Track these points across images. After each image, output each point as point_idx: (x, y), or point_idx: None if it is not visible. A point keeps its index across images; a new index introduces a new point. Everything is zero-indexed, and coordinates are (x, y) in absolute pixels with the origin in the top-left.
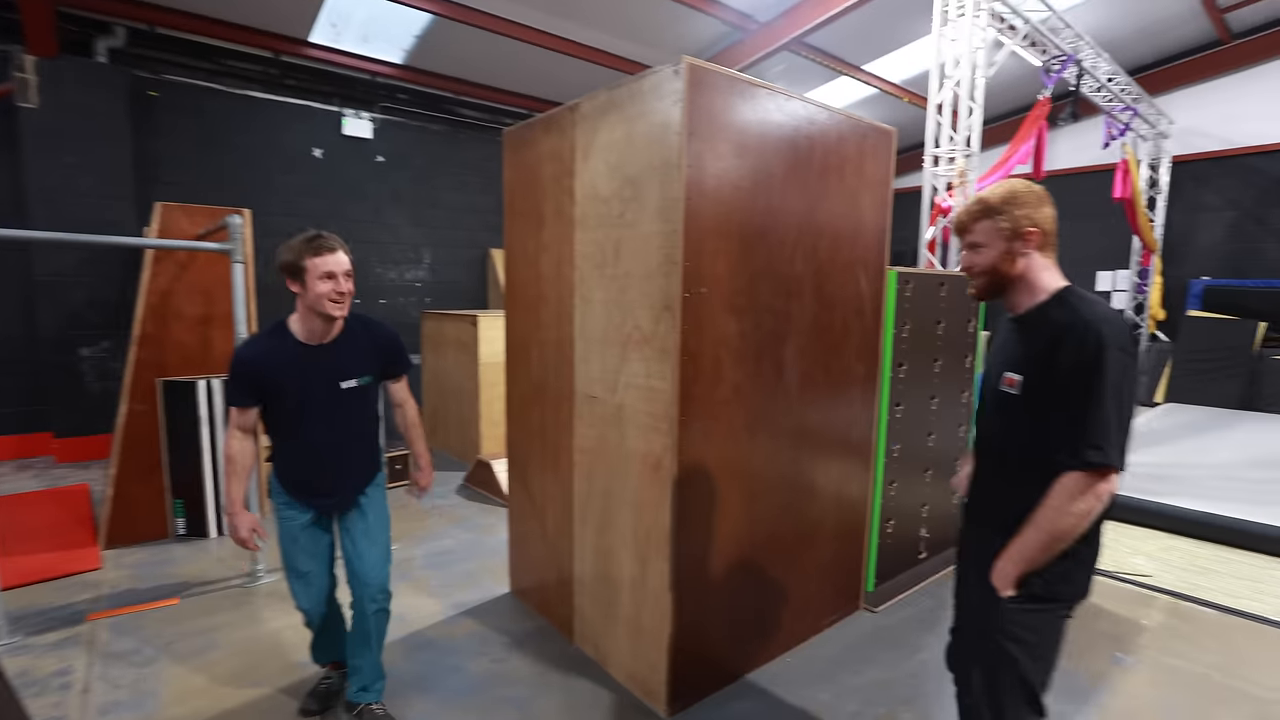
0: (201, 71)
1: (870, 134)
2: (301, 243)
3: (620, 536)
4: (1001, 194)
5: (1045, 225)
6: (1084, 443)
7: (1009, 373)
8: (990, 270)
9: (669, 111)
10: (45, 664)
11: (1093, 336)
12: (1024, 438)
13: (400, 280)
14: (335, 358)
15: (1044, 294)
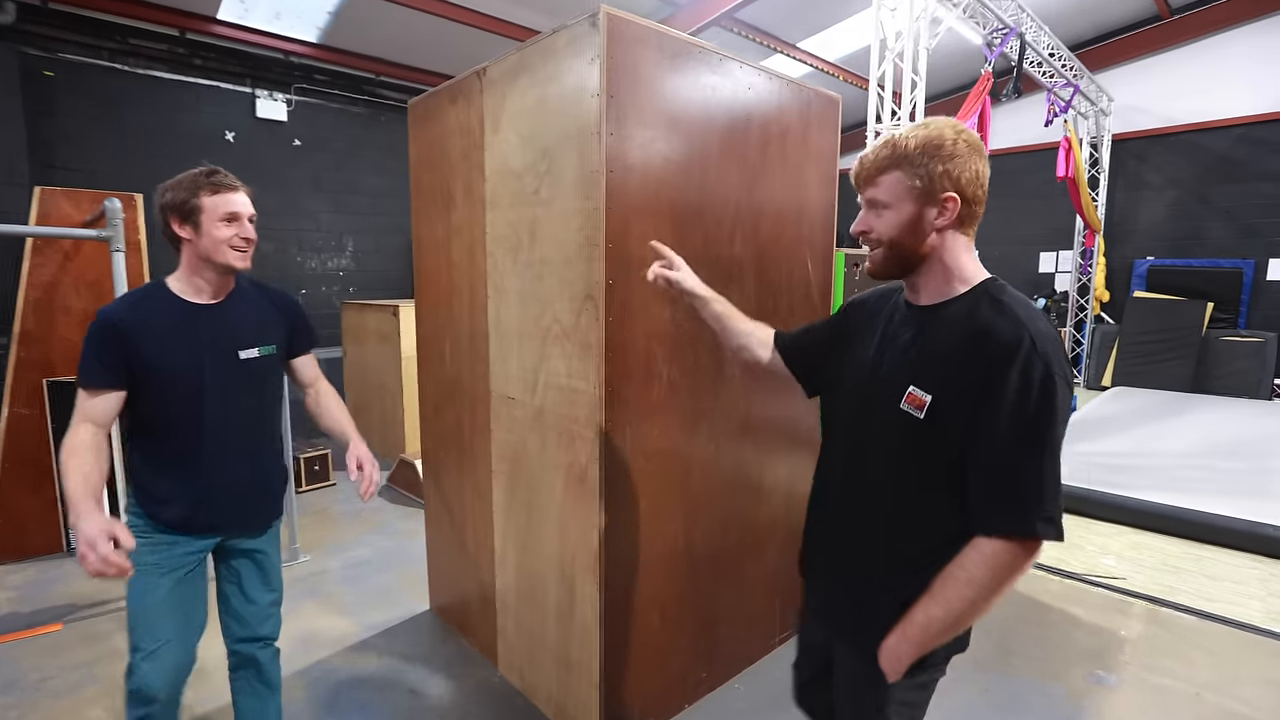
0: (103, 50)
1: (814, 101)
2: (194, 178)
3: (545, 557)
4: (921, 137)
5: (970, 190)
6: (1031, 510)
7: (914, 387)
8: (893, 243)
9: (585, 71)
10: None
11: (1040, 362)
12: (918, 474)
13: (322, 269)
14: (230, 319)
15: (963, 284)
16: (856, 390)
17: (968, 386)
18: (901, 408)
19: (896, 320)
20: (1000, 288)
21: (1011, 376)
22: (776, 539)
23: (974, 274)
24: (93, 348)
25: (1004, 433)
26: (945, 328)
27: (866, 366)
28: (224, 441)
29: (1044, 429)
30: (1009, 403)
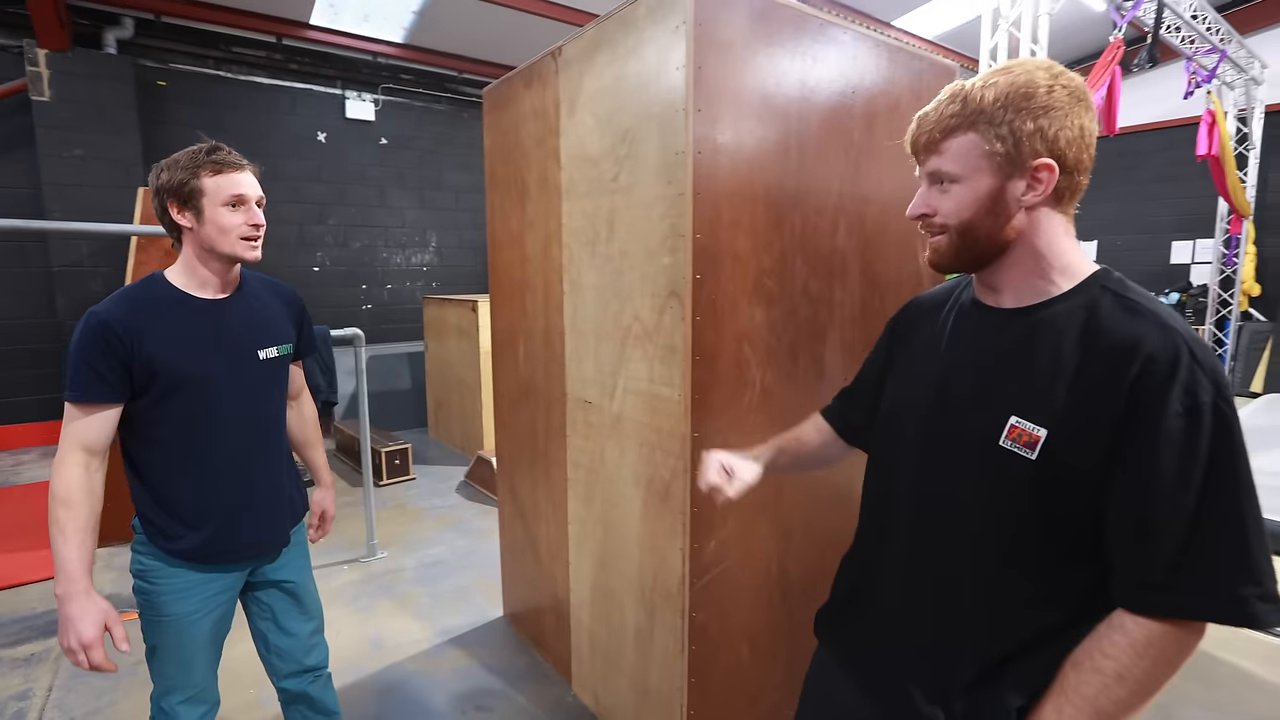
0: (208, 60)
1: (927, 71)
2: (193, 155)
3: (623, 576)
4: (1004, 86)
5: (1073, 154)
6: (1242, 585)
7: (1017, 419)
8: (966, 228)
9: (670, 41)
10: (9, 684)
11: (1208, 383)
12: (1033, 530)
13: (407, 265)
14: (244, 315)
15: (1066, 278)
16: (919, 421)
17: (1100, 420)
18: (1002, 445)
19: (967, 327)
20: (1121, 282)
21: (1171, 403)
22: None
23: (1079, 265)
24: (85, 354)
25: (1169, 481)
26: (1053, 337)
27: (930, 387)
28: (246, 453)
29: (1231, 471)
30: (1170, 439)
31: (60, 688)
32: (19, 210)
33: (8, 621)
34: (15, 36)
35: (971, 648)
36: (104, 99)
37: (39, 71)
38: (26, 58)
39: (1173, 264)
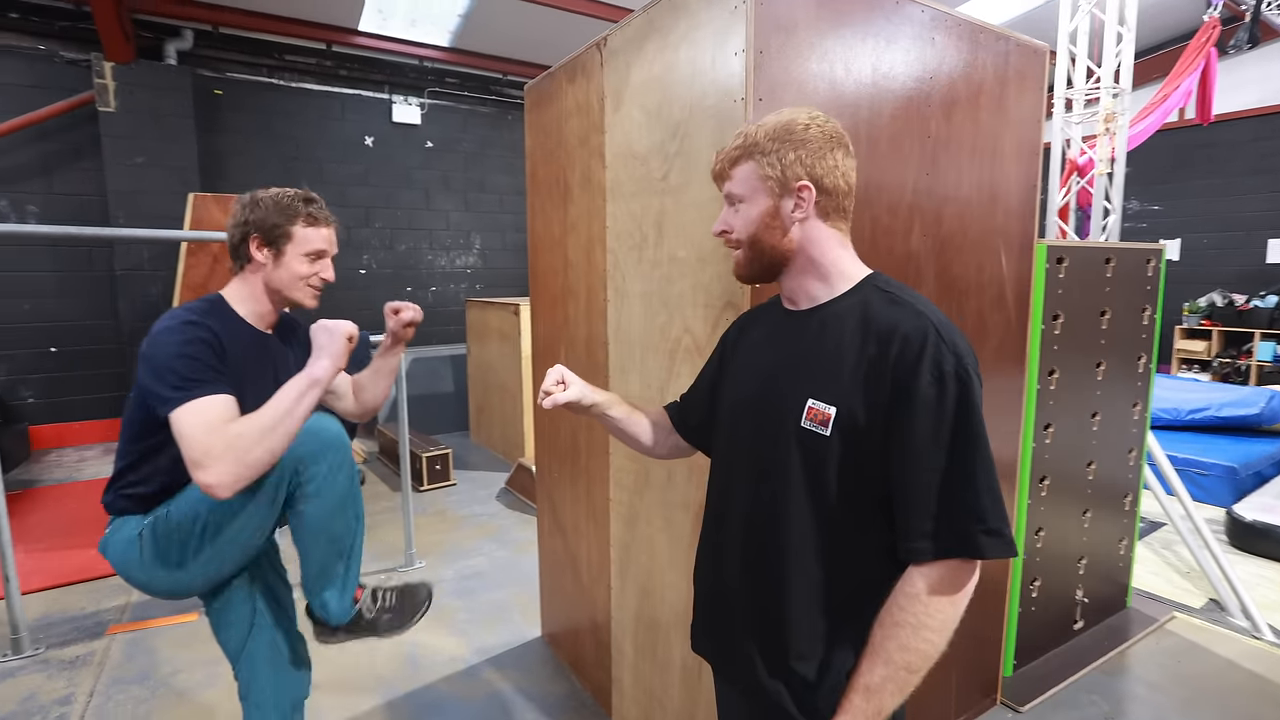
0: (261, 68)
1: (1014, 54)
2: (292, 202)
3: (670, 609)
4: (773, 125)
5: (830, 180)
6: (971, 523)
7: (813, 401)
8: (753, 241)
9: (727, 22)
10: (53, 686)
11: (950, 354)
12: (838, 496)
13: (451, 267)
14: (288, 352)
15: (845, 281)
16: (747, 403)
17: (874, 393)
18: (804, 426)
19: (776, 331)
20: (888, 281)
21: (922, 374)
22: None
23: (855, 270)
24: (198, 354)
25: (924, 440)
26: (836, 328)
27: (754, 378)
28: None
29: (967, 430)
30: (924, 405)
31: (100, 694)
32: (87, 216)
33: (58, 621)
34: (84, 50)
35: (802, 617)
36: (164, 108)
37: (105, 83)
38: (94, 71)
39: (1268, 263)
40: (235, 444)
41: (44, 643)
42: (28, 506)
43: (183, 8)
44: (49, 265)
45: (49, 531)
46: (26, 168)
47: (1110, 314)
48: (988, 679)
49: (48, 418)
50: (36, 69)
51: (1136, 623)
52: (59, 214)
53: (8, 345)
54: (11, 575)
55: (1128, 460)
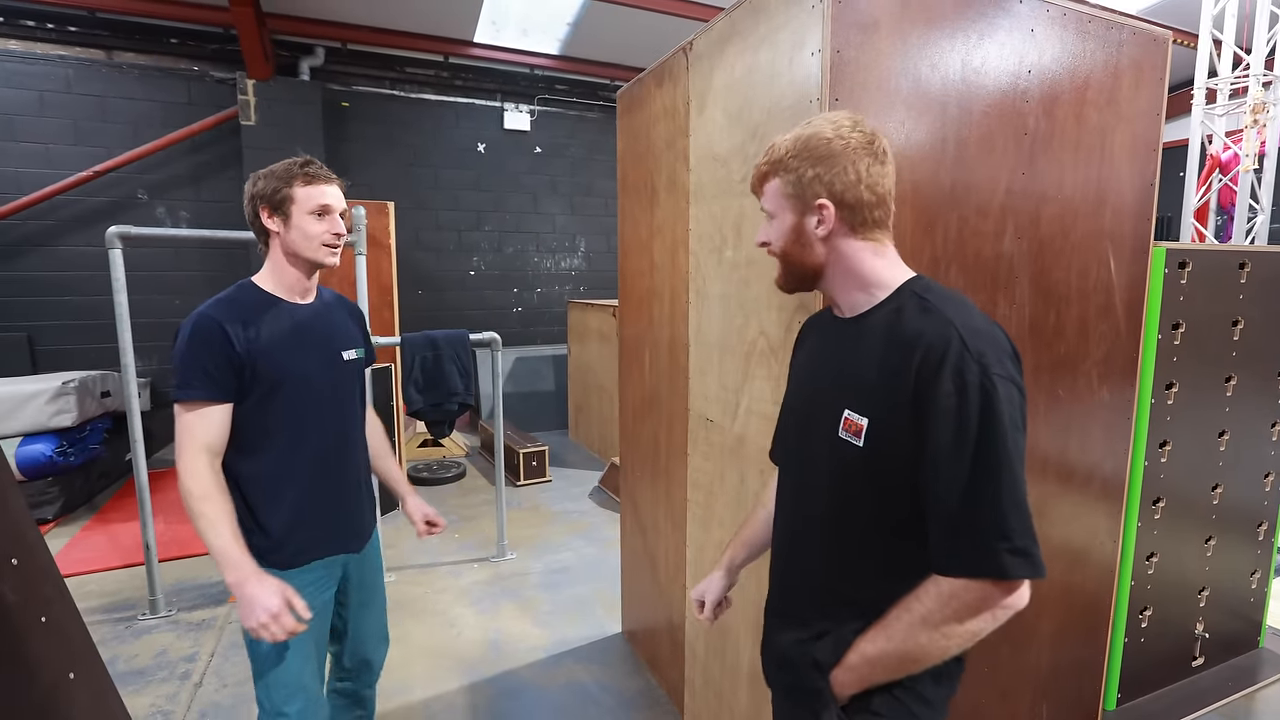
0: (385, 80)
1: (1128, 43)
2: (287, 167)
3: (739, 613)
4: (795, 140)
5: (852, 195)
6: (993, 542)
7: (849, 411)
8: (784, 255)
9: (804, 23)
10: (181, 645)
11: (974, 363)
12: (869, 510)
13: (556, 269)
14: (326, 319)
15: (883, 290)
16: (796, 410)
17: (901, 405)
18: (840, 436)
19: (825, 338)
20: (926, 286)
21: (943, 384)
22: (1049, 620)
23: (893, 277)
24: (195, 354)
25: (946, 453)
26: (871, 338)
27: (805, 384)
28: (338, 451)
29: (991, 442)
30: (944, 416)
31: (220, 655)
32: (230, 221)
33: (189, 587)
34: (230, 70)
35: (837, 618)
36: (297, 121)
37: (247, 99)
38: (238, 88)
39: None
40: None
41: (176, 606)
42: (171, 483)
43: (316, 27)
44: (198, 265)
45: None
46: (180, 178)
47: (1244, 324)
48: (1086, 711)
49: None
50: (191, 88)
51: (1269, 664)
52: (207, 219)
53: (161, 337)
54: (152, 544)
55: (1263, 485)
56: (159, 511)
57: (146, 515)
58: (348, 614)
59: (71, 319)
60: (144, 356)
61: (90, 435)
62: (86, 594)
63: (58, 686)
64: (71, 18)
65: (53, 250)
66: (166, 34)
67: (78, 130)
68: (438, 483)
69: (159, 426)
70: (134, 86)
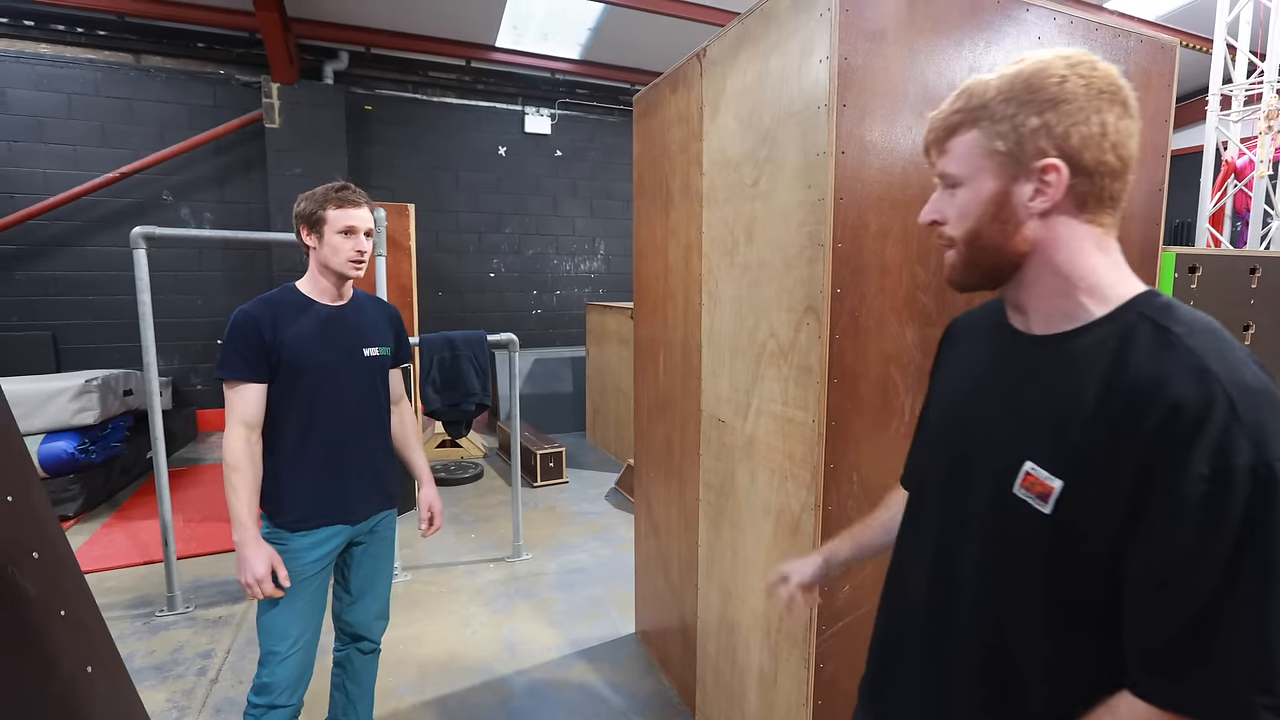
0: (407, 84)
1: (1135, 51)
2: (324, 191)
3: (749, 612)
4: (1011, 78)
5: (1091, 155)
6: (1246, 691)
7: (1033, 465)
8: (971, 238)
9: (814, 31)
10: (198, 641)
11: (1245, 442)
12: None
13: (575, 272)
14: (353, 319)
15: (1099, 302)
16: (944, 438)
17: (1117, 472)
18: (1015, 493)
19: (996, 353)
20: (1165, 309)
21: (1194, 466)
22: None
23: (1115, 286)
24: (233, 342)
25: (1184, 554)
26: (1077, 373)
27: (959, 408)
28: (351, 431)
29: (1263, 554)
30: (1190, 509)
31: (235, 652)
32: (253, 222)
33: (207, 584)
34: (255, 74)
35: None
36: (321, 124)
37: (272, 102)
38: (263, 91)
39: None
40: (224, 452)
41: (194, 602)
42: (190, 481)
43: (340, 31)
44: (220, 266)
45: (207, 504)
46: (205, 179)
47: (1255, 329)
48: None
49: (215, 403)
50: (216, 91)
51: None
52: (230, 220)
53: (183, 336)
54: (170, 541)
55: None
56: (178, 509)
57: (166, 513)
58: (352, 589)
59: (95, 318)
60: (166, 356)
61: (112, 433)
62: (106, 590)
63: (75, 679)
64: (101, 22)
65: (78, 250)
66: (193, 38)
67: (105, 132)
68: (455, 483)
69: (180, 425)
70: (161, 89)
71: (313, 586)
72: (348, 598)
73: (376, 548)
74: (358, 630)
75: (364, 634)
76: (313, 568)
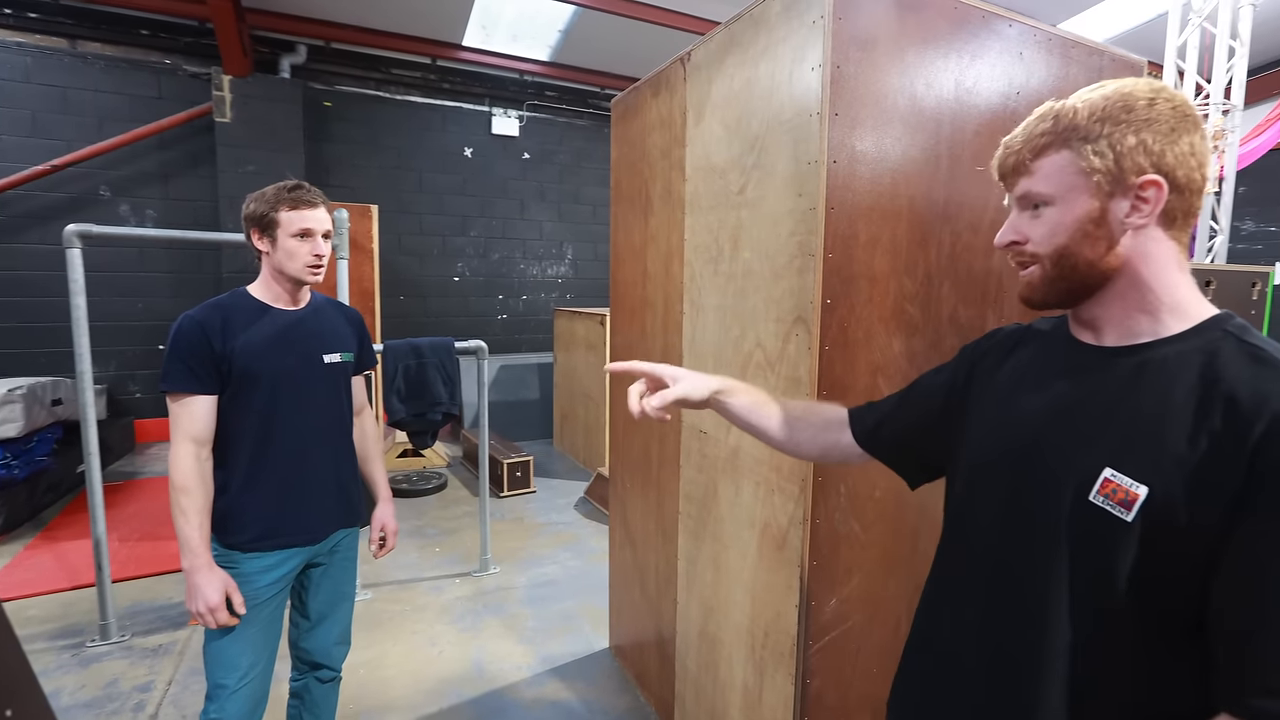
0: (370, 81)
1: (1108, 68)
2: (276, 191)
3: (732, 627)
4: (1099, 99)
5: (1184, 173)
6: None
7: (1113, 472)
8: (1063, 255)
9: (805, 38)
10: (135, 673)
11: None
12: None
13: (542, 276)
14: (311, 325)
15: (1178, 318)
16: (1004, 452)
17: (1214, 483)
18: (1093, 500)
19: (1061, 366)
20: (1244, 327)
21: None
22: None
23: (1195, 305)
24: (178, 351)
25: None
26: (1162, 382)
27: (1025, 419)
28: (310, 445)
29: None
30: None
31: (178, 684)
32: (201, 221)
33: (145, 610)
34: (205, 65)
35: None
36: (276, 119)
37: (222, 95)
38: (213, 83)
39: None
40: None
41: (130, 630)
42: (127, 497)
43: (299, 24)
44: (163, 267)
45: (145, 522)
46: (148, 175)
47: None
48: None
49: (154, 412)
50: (162, 81)
51: None
52: (175, 219)
53: (120, 341)
54: (104, 563)
55: None
56: (113, 527)
57: (100, 532)
58: (310, 613)
59: (22, 321)
60: (102, 362)
61: (38, 446)
62: (27, 620)
63: None
64: (32, 3)
65: (3, 249)
66: (136, 24)
67: (36, 122)
68: (418, 494)
69: (116, 437)
70: (99, 78)
71: (266, 612)
72: (305, 623)
73: (337, 569)
74: (316, 658)
75: (323, 661)
76: (267, 591)
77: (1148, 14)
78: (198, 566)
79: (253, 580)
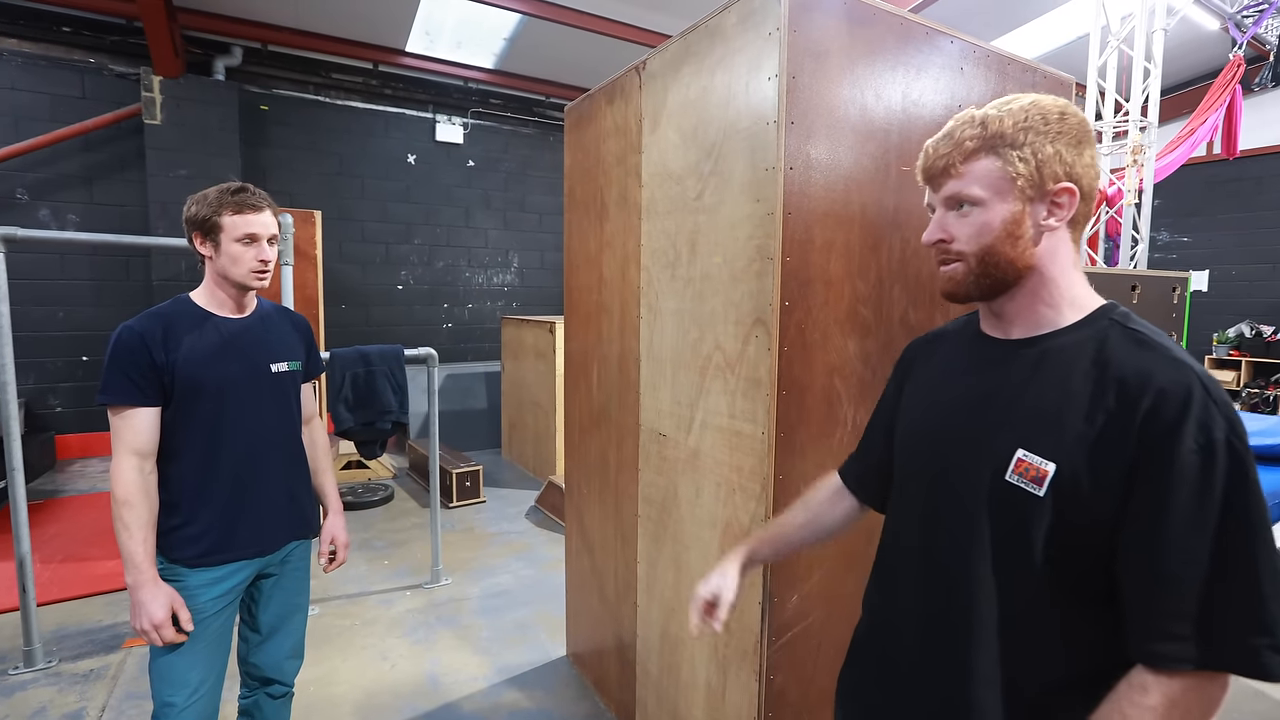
0: (309, 85)
1: (1041, 85)
2: (219, 194)
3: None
4: (1021, 111)
5: (1087, 182)
6: (1248, 635)
7: (1024, 452)
8: (987, 254)
9: (762, 48)
10: (65, 700)
11: (1221, 419)
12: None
13: (488, 285)
14: (257, 333)
15: (1075, 310)
16: (928, 443)
17: (1111, 454)
18: (1009, 480)
19: (973, 360)
20: (1126, 315)
21: (1184, 441)
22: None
23: (1087, 297)
24: (118, 363)
25: (1181, 522)
26: (1061, 368)
27: (938, 413)
28: (258, 456)
29: (1244, 514)
30: (1184, 479)
31: (112, 709)
32: (129, 226)
33: (73, 634)
34: (133, 65)
35: (991, 703)
36: (210, 123)
37: (153, 97)
38: (142, 84)
39: None
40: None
41: (57, 655)
42: (49, 516)
43: (234, 25)
44: (86, 274)
45: (69, 542)
46: (70, 178)
47: None
48: None
49: (76, 427)
50: (85, 81)
51: None
52: (100, 224)
53: (39, 353)
54: (29, 586)
55: None
56: (36, 548)
57: (24, 552)
58: (261, 627)
59: None
60: (19, 374)
61: None
62: None
63: None
64: None
65: None
66: (57, 20)
67: None
68: (364, 506)
69: (35, 453)
70: (15, 75)
71: (215, 625)
72: (256, 637)
73: (289, 580)
74: (267, 673)
75: (275, 676)
76: (215, 605)
77: (1070, 35)
78: (142, 582)
79: (199, 594)
